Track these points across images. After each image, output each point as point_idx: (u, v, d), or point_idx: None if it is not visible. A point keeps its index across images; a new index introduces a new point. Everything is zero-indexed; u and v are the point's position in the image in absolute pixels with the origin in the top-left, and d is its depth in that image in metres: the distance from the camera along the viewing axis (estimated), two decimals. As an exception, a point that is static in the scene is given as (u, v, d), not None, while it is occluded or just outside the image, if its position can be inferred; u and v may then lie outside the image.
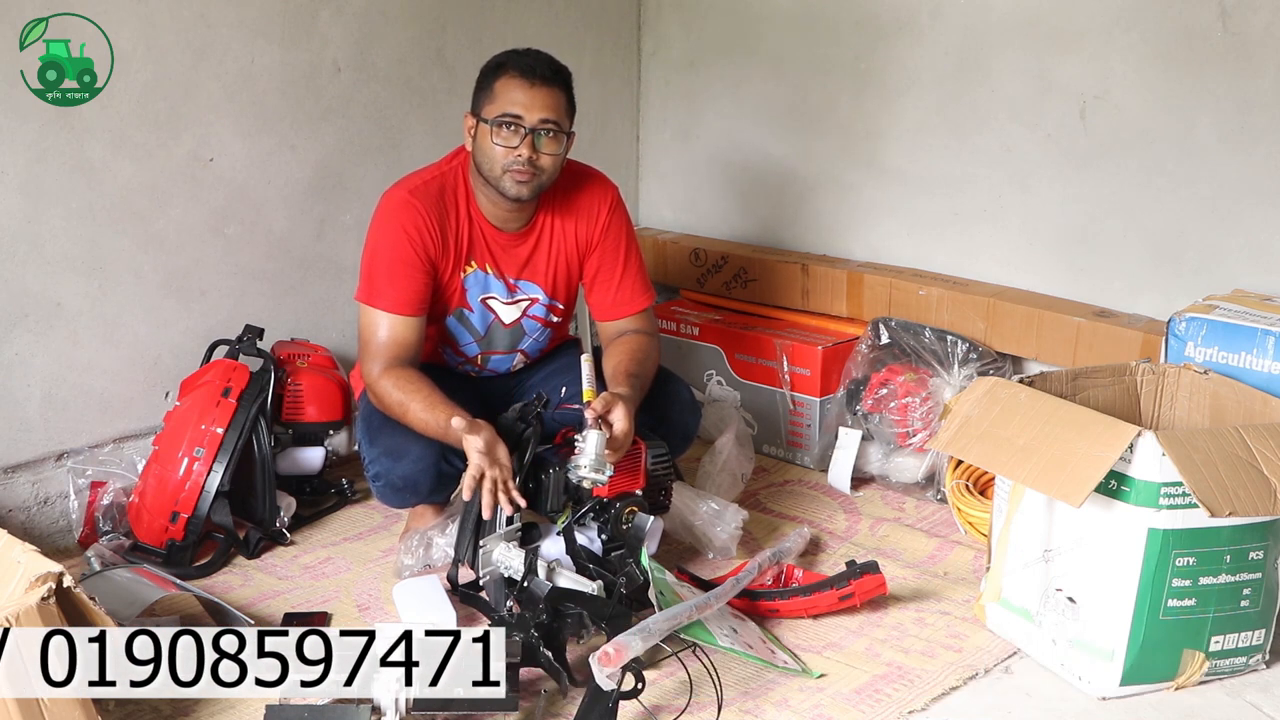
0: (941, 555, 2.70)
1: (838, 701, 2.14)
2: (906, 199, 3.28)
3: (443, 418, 2.32)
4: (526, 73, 2.38)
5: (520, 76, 2.38)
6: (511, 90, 2.38)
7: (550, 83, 2.40)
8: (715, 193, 3.69)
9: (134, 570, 2.36)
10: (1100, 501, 2.08)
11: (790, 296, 3.35)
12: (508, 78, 2.39)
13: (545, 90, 2.38)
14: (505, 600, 2.26)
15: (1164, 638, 2.11)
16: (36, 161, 2.56)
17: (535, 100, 2.37)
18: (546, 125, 2.38)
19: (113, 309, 2.74)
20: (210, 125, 2.82)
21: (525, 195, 2.44)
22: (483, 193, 2.49)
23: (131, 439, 2.82)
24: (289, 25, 2.91)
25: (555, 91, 2.40)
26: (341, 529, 2.82)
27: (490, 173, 2.43)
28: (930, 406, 2.89)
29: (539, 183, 2.43)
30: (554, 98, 2.40)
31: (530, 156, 2.38)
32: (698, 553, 2.66)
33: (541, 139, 2.39)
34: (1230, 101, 2.70)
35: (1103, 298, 2.97)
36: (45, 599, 1.79)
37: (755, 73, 3.50)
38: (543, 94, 2.38)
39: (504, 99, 2.38)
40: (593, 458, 2.24)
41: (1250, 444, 2.03)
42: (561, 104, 2.41)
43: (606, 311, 2.64)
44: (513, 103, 2.38)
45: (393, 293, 2.44)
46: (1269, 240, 2.71)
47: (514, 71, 2.39)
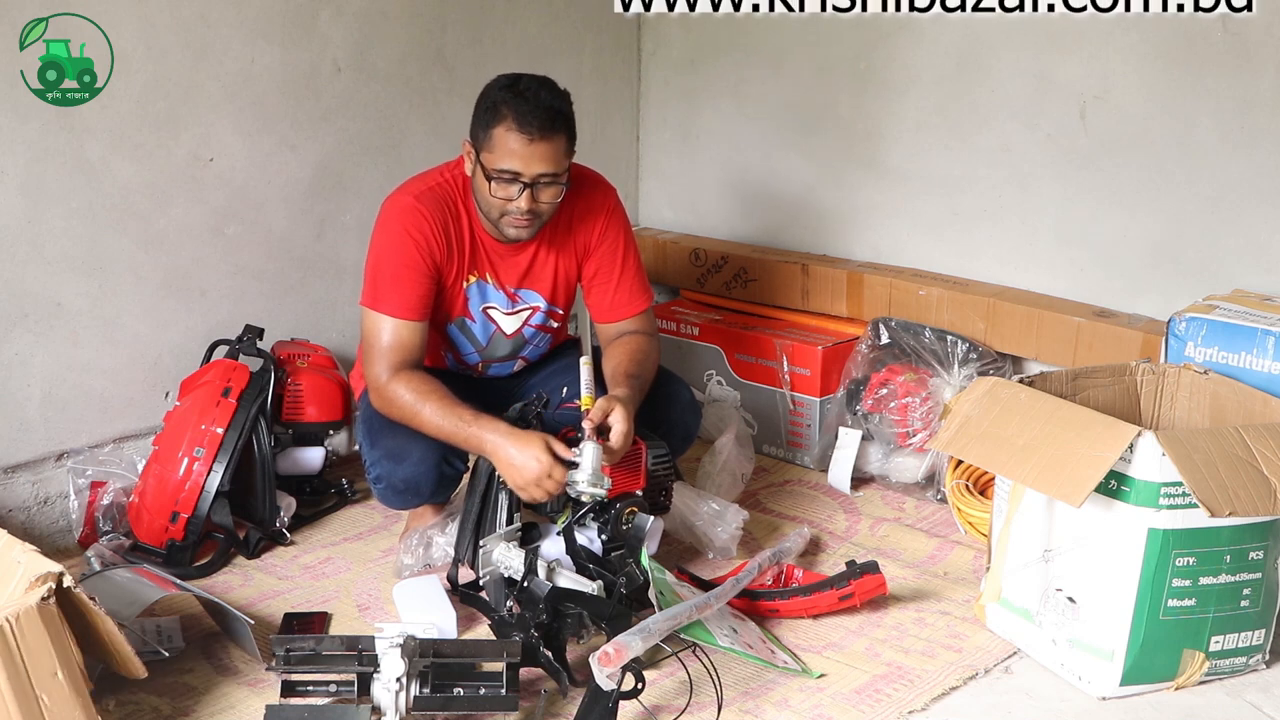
0: (941, 555, 2.70)
1: (838, 701, 2.14)
2: (906, 199, 3.28)
3: (466, 415, 2.31)
4: (524, 127, 2.29)
5: (518, 131, 2.29)
6: (509, 143, 2.30)
7: (549, 135, 2.31)
8: (715, 193, 3.69)
9: (134, 570, 2.36)
10: (1100, 501, 2.08)
11: (790, 296, 3.35)
12: (505, 129, 2.30)
13: (545, 145, 2.31)
14: (505, 600, 2.26)
15: (1164, 638, 2.11)
16: (36, 161, 2.56)
17: (534, 155, 2.31)
18: (543, 177, 2.34)
19: (113, 309, 2.75)
20: (210, 125, 2.82)
21: (524, 238, 2.44)
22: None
23: (131, 439, 2.82)
24: (289, 25, 2.91)
25: (555, 141, 2.32)
26: (341, 529, 2.82)
27: (488, 214, 2.42)
28: (930, 406, 2.90)
29: (539, 224, 2.43)
30: (553, 149, 2.32)
31: (530, 207, 2.36)
32: (698, 553, 2.66)
33: (539, 189, 2.35)
34: (1230, 101, 2.70)
35: (1103, 298, 2.97)
36: (45, 599, 1.79)
37: (755, 72, 3.50)
38: (542, 149, 2.31)
39: (502, 152, 2.32)
40: (590, 472, 2.23)
41: (1250, 444, 2.03)
42: (560, 150, 2.34)
43: (606, 313, 2.64)
44: (511, 157, 2.31)
45: (397, 297, 2.43)
46: (1269, 240, 2.71)
47: (512, 124, 2.30)
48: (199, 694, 2.15)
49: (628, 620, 2.11)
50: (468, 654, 2.07)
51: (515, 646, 2.04)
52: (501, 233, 2.45)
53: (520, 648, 2.05)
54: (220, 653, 2.27)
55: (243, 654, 2.26)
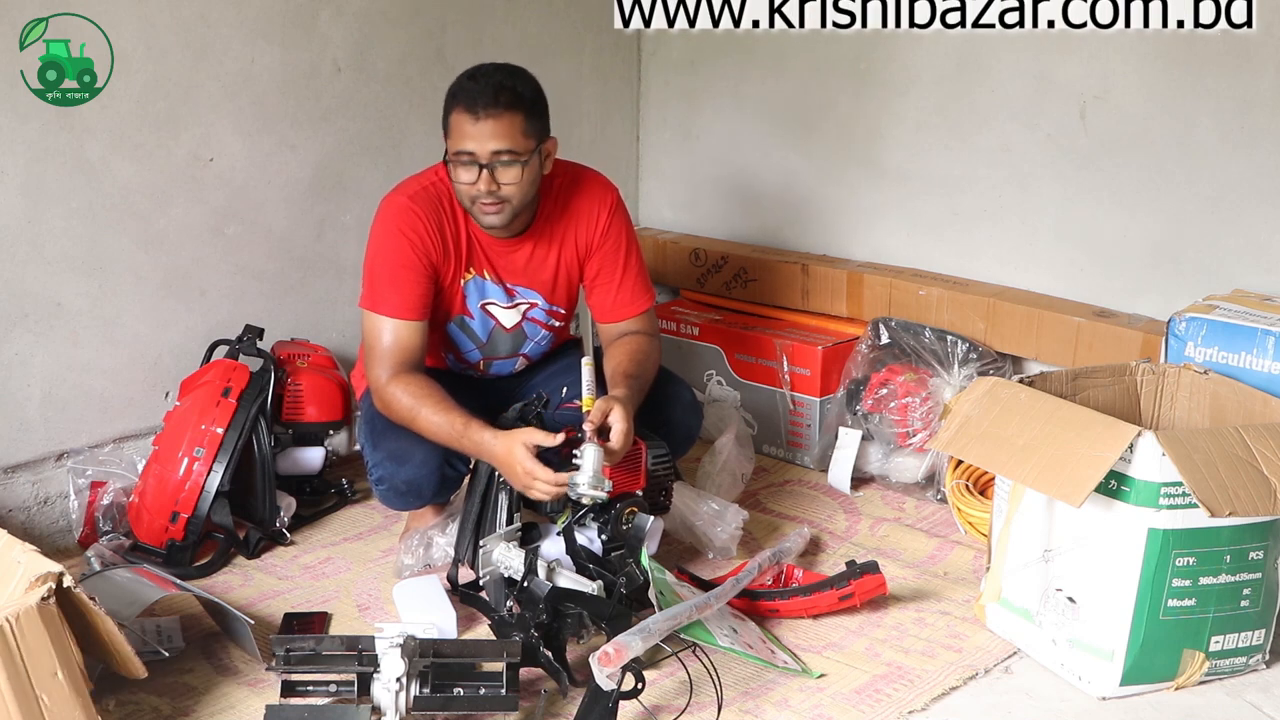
0: (941, 555, 2.70)
1: (838, 701, 2.14)
2: (906, 199, 3.28)
3: (458, 423, 2.32)
4: (470, 105, 2.30)
5: (465, 110, 2.30)
6: (461, 124, 2.31)
7: (497, 110, 2.29)
8: (715, 193, 3.69)
9: (134, 570, 2.36)
10: (1100, 501, 2.08)
11: (790, 296, 3.35)
12: (457, 112, 2.32)
13: (492, 121, 2.29)
14: (505, 600, 2.27)
15: (1164, 638, 2.11)
16: (36, 161, 2.56)
17: (483, 132, 2.30)
18: (500, 156, 2.32)
19: (113, 309, 2.75)
20: (210, 125, 2.82)
21: (499, 224, 2.42)
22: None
23: (131, 439, 2.82)
24: (289, 25, 2.91)
25: (506, 118, 2.30)
26: (341, 529, 2.82)
27: (463, 204, 2.43)
28: (930, 406, 2.90)
29: (510, 210, 2.40)
30: (504, 125, 2.30)
31: (490, 189, 2.34)
32: (698, 553, 2.66)
33: (498, 169, 2.33)
34: (1230, 101, 2.70)
35: (1103, 298, 2.97)
36: (45, 599, 1.79)
37: (755, 72, 3.50)
38: (490, 125, 2.29)
39: (456, 134, 2.33)
40: (590, 474, 2.22)
41: (1250, 444, 2.03)
42: (516, 127, 2.31)
43: (607, 313, 2.64)
44: (463, 137, 2.31)
45: (396, 298, 2.43)
46: (1269, 240, 2.71)
47: (461, 104, 2.31)
48: (199, 694, 2.15)
49: (628, 620, 2.11)
50: (468, 654, 2.08)
51: (515, 646, 2.04)
52: (480, 224, 2.44)
53: (520, 648, 2.05)
54: (220, 653, 2.27)
55: (243, 654, 2.26)
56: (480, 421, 2.32)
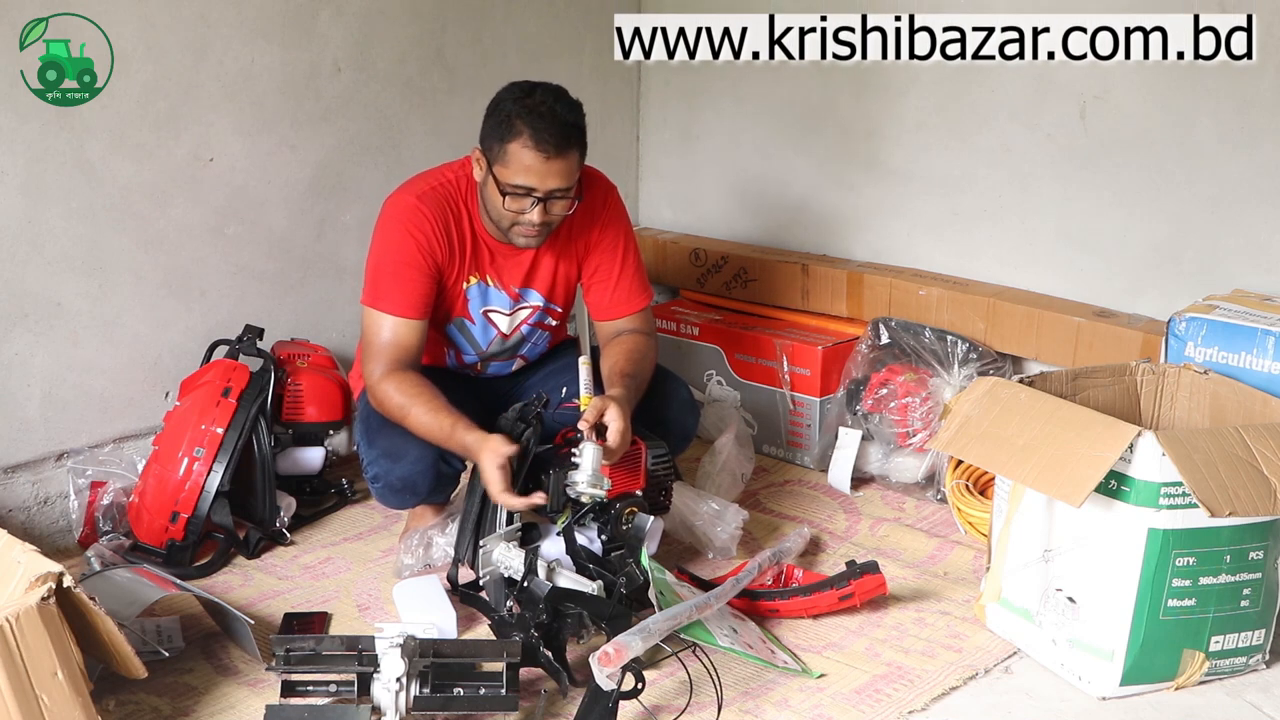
0: (941, 555, 2.70)
1: (838, 701, 2.14)
2: (906, 199, 3.28)
3: (446, 424, 2.32)
4: (540, 143, 2.28)
5: (534, 149, 2.28)
6: (524, 160, 2.29)
7: (568, 151, 2.31)
8: (715, 193, 3.69)
9: (134, 570, 2.37)
10: (1100, 501, 2.08)
11: (790, 296, 3.35)
12: (520, 145, 2.29)
13: (562, 162, 2.30)
14: (505, 600, 2.26)
15: (1164, 638, 2.11)
16: (36, 161, 2.56)
17: (549, 172, 2.30)
18: (558, 193, 2.34)
19: (113, 309, 2.75)
20: (210, 125, 2.82)
21: (534, 246, 2.46)
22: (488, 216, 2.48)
23: (131, 439, 2.82)
24: (289, 25, 2.91)
25: (569, 158, 2.32)
26: (341, 529, 2.82)
27: (498, 224, 2.42)
28: (930, 406, 2.90)
29: (547, 233, 2.44)
30: (570, 165, 2.32)
31: (543, 220, 2.37)
32: (698, 553, 2.66)
33: (551, 203, 2.36)
34: (1230, 101, 2.70)
35: (1103, 298, 2.97)
36: (45, 599, 1.79)
37: (755, 72, 3.50)
38: (559, 166, 2.30)
39: (516, 167, 2.31)
40: (589, 473, 2.23)
41: (1250, 444, 2.03)
42: (574, 164, 2.34)
43: (604, 311, 2.64)
44: (526, 173, 2.30)
45: (398, 296, 2.44)
46: (1269, 240, 2.71)
47: (528, 141, 2.28)
48: (199, 694, 2.15)
49: (628, 620, 2.10)
50: (468, 654, 2.08)
51: (515, 646, 2.04)
52: (510, 241, 2.46)
53: (520, 648, 2.05)
54: (220, 653, 2.27)
55: (243, 654, 2.26)
56: (467, 423, 2.32)
